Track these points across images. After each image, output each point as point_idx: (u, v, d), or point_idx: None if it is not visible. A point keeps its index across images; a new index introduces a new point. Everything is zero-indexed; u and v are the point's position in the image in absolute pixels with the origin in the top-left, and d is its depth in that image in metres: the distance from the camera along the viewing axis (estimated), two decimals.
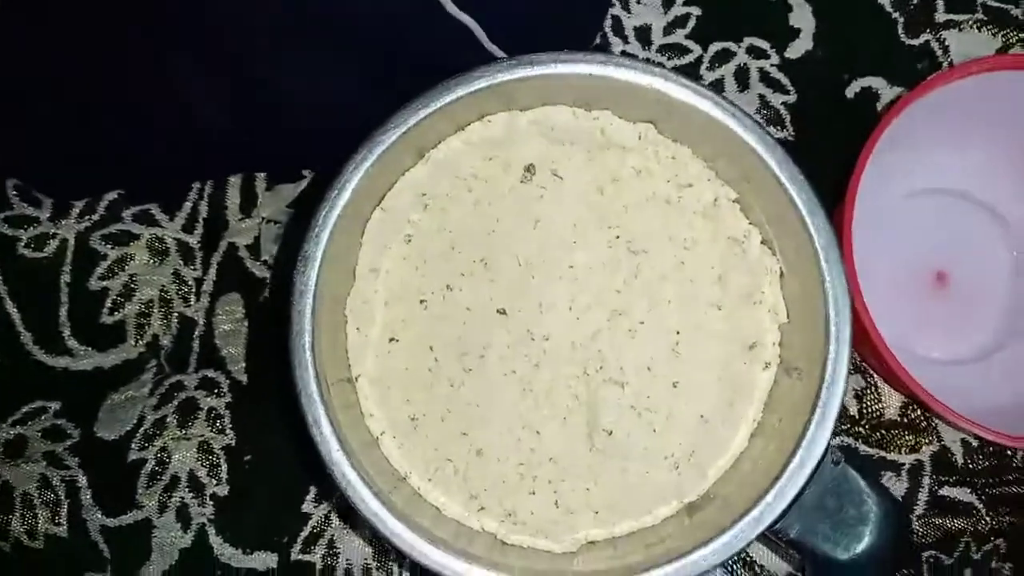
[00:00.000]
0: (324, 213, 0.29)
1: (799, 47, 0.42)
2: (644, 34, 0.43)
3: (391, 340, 0.32)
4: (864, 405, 0.39)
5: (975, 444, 0.38)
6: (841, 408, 0.28)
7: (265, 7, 0.43)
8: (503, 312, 0.32)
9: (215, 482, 0.39)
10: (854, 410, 0.39)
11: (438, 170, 0.32)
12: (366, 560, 0.38)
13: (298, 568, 0.38)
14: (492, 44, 0.40)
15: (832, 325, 0.28)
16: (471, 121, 0.32)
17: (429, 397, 0.32)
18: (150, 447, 0.39)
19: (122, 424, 0.39)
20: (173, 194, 0.42)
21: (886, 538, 0.29)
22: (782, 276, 0.32)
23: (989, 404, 0.35)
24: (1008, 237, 0.40)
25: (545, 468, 0.31)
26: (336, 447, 0.28)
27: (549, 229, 0.32)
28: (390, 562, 0.38)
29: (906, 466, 0.38)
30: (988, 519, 0.37)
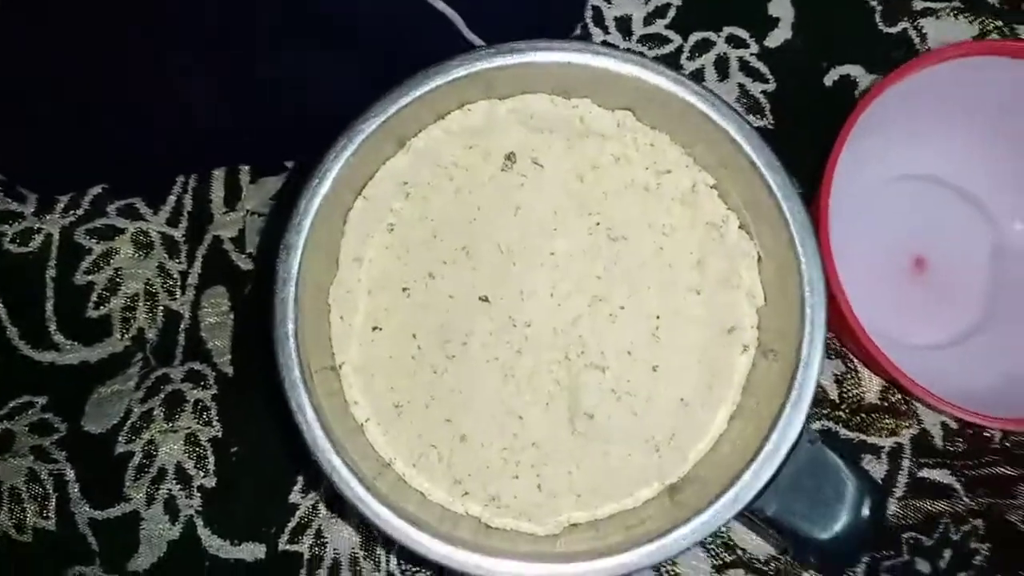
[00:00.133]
0: (306, 202, 0.29)
1: (778, 36, 0.43)
2: (625, 24, 0.43)
3: (374, 328, 0.32)
4: (844, 390, 0.39)
5: (954, 427, 0.39)
6: (817, 389, 0.28)
7: (251, 2, 0.43)
8: (485, 299, 0.32)
9: (202, 474, 0.39)
10: (834, 394, 0.39)
11: (419, 159, 0.33)
12: (353, 549, 0.38)
13: (286, 558, 0.38)
14: (472, 33, 0.40)
15: (807, 307, 0.28)
16: (451, 110, 0.32)
17: (413, 384, 0.32)
18: (137, 440, 0.39)
19: (109, 417, 0.39)
20: (157, 188, 0.42)
21: (865, 517, 0.29)
22: (759, 260, 0.32)
23: (968, 386, 0.35)
24: (985, 222, 0.40)
25: (528, 452, 0.31)
26: (320, 434, 0.28)
27: (530, 217, 0.33)
28: (377, 551, 0.38)
29: (886, 449, 0.38)
30: (967, 500, 0.38)
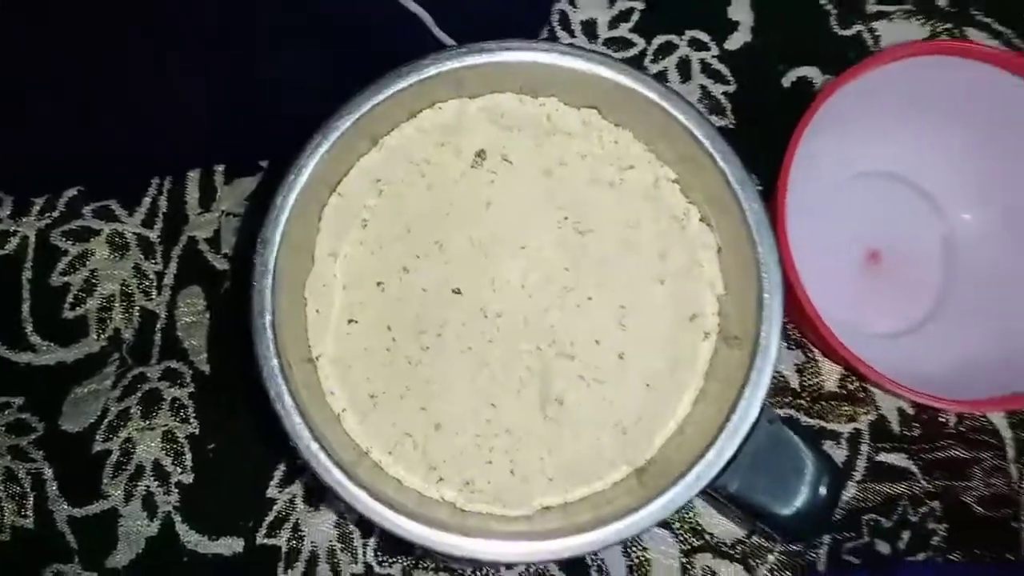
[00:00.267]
0: (282, 197, 0.30)
1: (738, 39, 0.44)
2: (590, 28, 0.44)
3: (350, 321, 0.33)
4: (804, 378, 0.40)
5: (910, 412, 0.40)
6: (777, 377, 0.29)
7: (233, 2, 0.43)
8: (458, 292, 0.33)
9: (180, 470, 0.39)
10: (795, 383, 0.40)
11: (392, 156, 0.34)
12: (331, 542, 0.39)
13: (264, 552, 0.38)
14: (442, 32, 0.41)
15: (765, 294, 0.30)
16: (423, 108, 0.33)
17: (388, 375, 0.32)
18: (115, 438, 0.39)
19: (86, 416, 0.40)
20: (132, 190, 0.42)
21: (823, 494, 0.30)
22: (720, 252, 0.33)
23: (923, 372, 0.36)
24: (936, 215, 0.42)
25: (501, 439, 0.32)
26: (299, 421, 0.29)
27: (501, 212, 0.34)
28: (355, 543, 0.39)
29: (845, 435, 0.40)
30: (924, 483, 0.39)
